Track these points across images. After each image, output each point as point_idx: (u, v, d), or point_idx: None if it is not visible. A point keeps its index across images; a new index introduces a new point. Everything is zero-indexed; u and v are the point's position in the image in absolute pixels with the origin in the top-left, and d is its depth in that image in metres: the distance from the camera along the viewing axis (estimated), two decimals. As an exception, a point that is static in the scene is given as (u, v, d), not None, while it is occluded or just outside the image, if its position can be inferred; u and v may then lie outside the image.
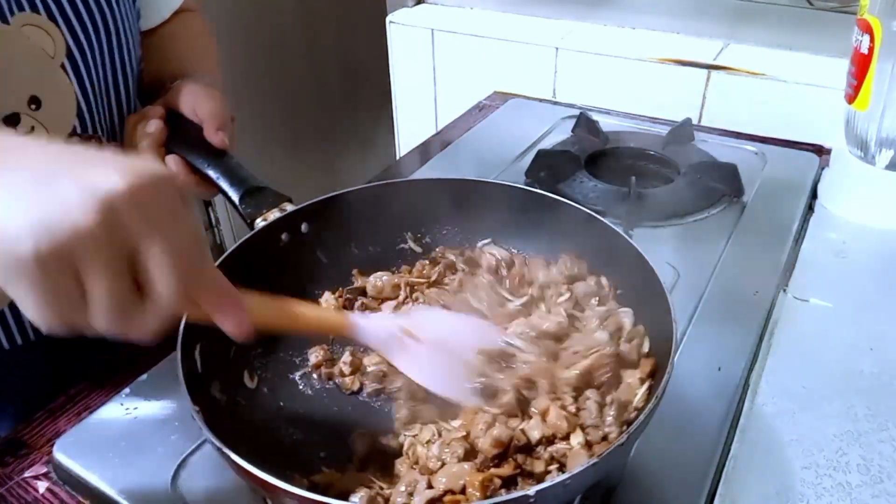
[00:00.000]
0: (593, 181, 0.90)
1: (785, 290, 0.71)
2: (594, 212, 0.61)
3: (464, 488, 0.46)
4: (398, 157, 1.19)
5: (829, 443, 0.55)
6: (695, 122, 1.06)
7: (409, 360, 0.52)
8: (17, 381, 0.68)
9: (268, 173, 0.66)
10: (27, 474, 0.56)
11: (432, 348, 0.52)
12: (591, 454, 0.47)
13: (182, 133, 0.67)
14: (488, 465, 0.48)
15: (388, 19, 1.30)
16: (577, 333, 0.57)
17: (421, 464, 0.49)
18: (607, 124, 1.04)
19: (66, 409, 0.62)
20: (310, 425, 0.56)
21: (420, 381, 0.51)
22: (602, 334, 0.55)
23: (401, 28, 1.29)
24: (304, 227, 0.64)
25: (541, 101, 1.18)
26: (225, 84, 0.77)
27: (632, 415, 0.50)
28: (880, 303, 0.69)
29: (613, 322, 0.57)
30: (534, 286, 0.63)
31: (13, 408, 0.69)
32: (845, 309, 0.69)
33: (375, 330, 0.52)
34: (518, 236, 0.68)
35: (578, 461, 0.47)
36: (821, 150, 0.96)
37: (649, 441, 0.53)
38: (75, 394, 0.63)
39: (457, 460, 0.48)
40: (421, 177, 0.93)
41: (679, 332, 0.48)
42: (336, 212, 0.66)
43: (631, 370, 0.54)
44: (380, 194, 0.68)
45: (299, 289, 0.64)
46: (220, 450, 0.41)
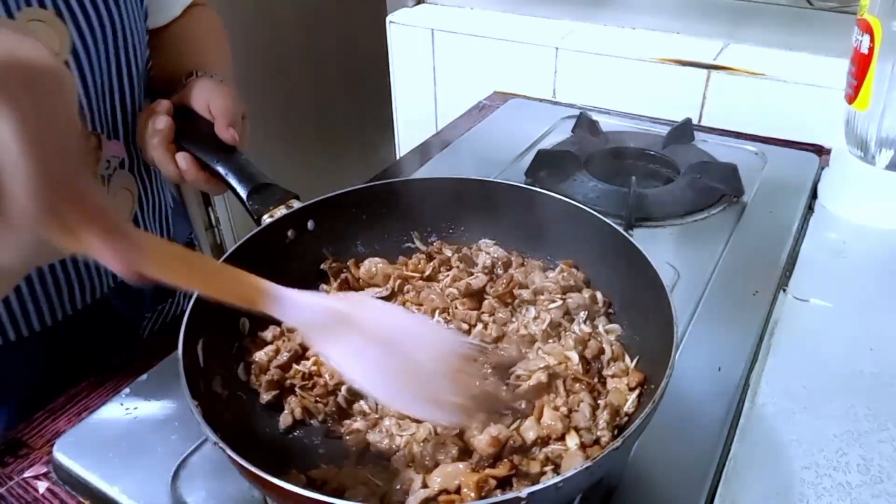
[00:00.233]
0: (593, 181, 0.90)
1: (785, 290, 0.71)
2: (595, 212, 0.61)
3: (459, 488, 0.46)
4: (398, 157, 1.19)
5: (829, 443, 0.55)
6: (695, 122, 1.06)
7: (339, 351, 0.44)
8: (11, 379, 0.68)
9: (267, 173, 0.66)
10: (27, 474, 0.56)
11: (372, 343, 0.44)
12: (587, 456, 0.47)
13: (192, 129, 0.67)
14: (483, 466, 0.48)
15: (388, 19, 1.30)
16: (533, 352, 0.57)
17: (417, 462, 0.49)
18: (607, 124, 1.04)
19: (66, 409, 0.62)
20: (308, 421, 0.55)
21: (349, 377, 0.45)
22: (572, 353, 0.55)
23: (401, 28, 1.29)
24: (310, 224, 0.64)
25: (541, 101, 1.18)
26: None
27: (623, 420, 0.51)
28: (880, 303, 0.69)
29: (594, 346, 0.56)
30: (527, 290, 0.62)
31: (7, 407, 0.68)
32: (845, 309, 0.69)
33: (300, 307, 0.44)
34: (524, 238, 0.68)
35: (573, 463, 0.47)
36: (821, 150, 0.96)
37: (649, 441, 0.53)
38: (75, 394, 0.63)
39: (451, 459, 0.48)
40: (422, 176, 0.93)
41: (679, 332, 0.48)
42: (342, 209, 0.66)
43: (618, 378, 0.54)
44: (388, 192, 0.68)
45: (304, 285, 0.63)
46: (216, 444, 0.41)
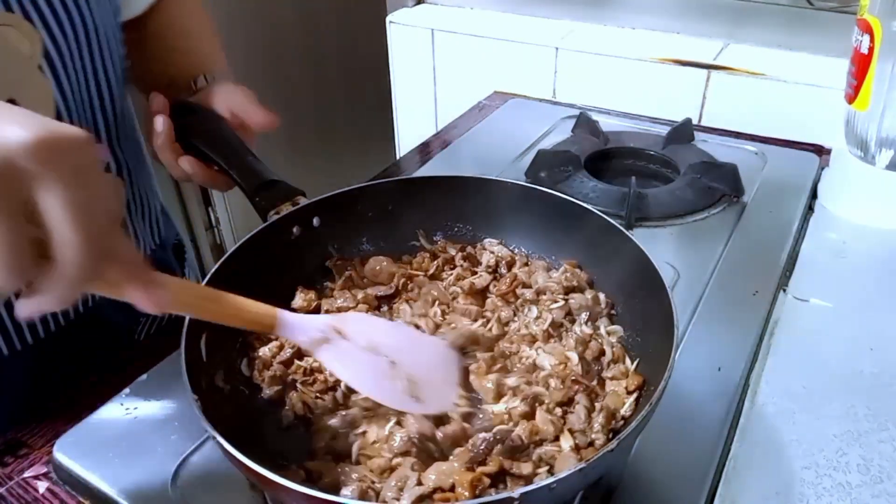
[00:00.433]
0: (593, 181, 0.90)
1: (785, 290, 0.71)
2: (599, 212, 0.61)
3: (453, 486, 0.46)
4: (398, 157, 1.18)
5: (829, 443, 0.55)
6: (695, 122, 1.06)
7: (337, 359, 0.52)
8: (9, 384, 0.66)
9: (268, 173, 0.66)
10: (27, 474, 0.56)
11: (363, 349, 0.52)
12: (580, 458, 0.47)
13: (197, 125, 0.67)
14: (475, 465, 0.48)
15: (388, 19, 1.29)
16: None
17: (412, 459, 0.49)
18: (607, 124, 1.04)
19: (66, 409, 0.62)
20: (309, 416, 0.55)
21: (346, 381, 0.52)
22: (572, 354, 0.55)
23: (401, 28, 1.29)
24: (315, 220, 0.64)
25: (541, 101, 1.18)
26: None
27: (619, 423, 0.50)
28: (880, 303, 0.69)
29: (595, 347, 0.57)
30: (530, 289, 0.62)
31: (7, 408, 0.66)
32: (845, 309, 0.69)
33: (303, 327, 0.51)
34: (529, 238, 0.68)
35: (566, 465, 0.46)
36: (821, 150, 0.96)
37: (649, 441, 0.53)
38: (75, 394, 0.63)
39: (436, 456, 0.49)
40: (422, 176, 0.93)
41: (679, 331, 0.48)
42: (349, 206, 0.66)
43: (617, 380, 0.54)
44: (395, 190, 0.68)
45: (308, 282, 0.64)
46: (215, 439, 0.41)
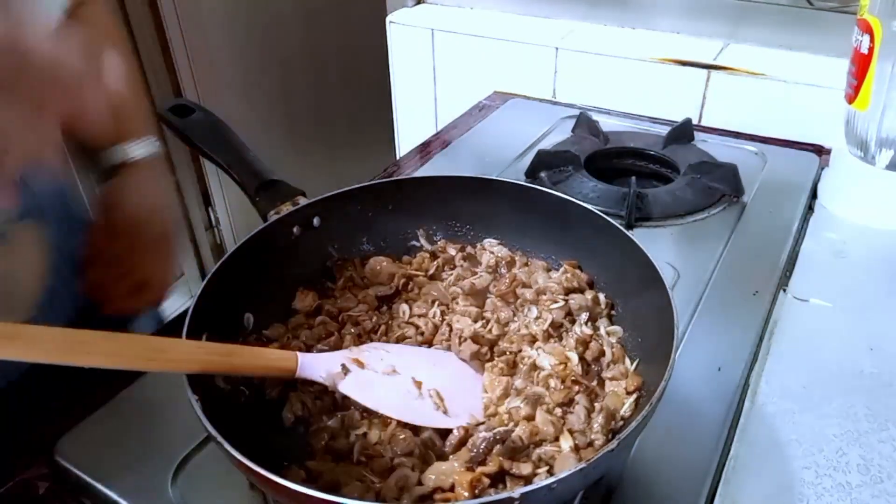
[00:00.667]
0: (593, 181, 0.90)
1: (785, 290, 0.71)
2: (599, 212, 0.61)
3: (452, 486, 0.46)
4: (398, 156, 1.18)
5: (829, 443, 0.55)
6: (695, 122, 1.06)
7: (360, 388, 0.52)
8: (8, 386, 0.64)
9: (268, 173, 0.66)
10: (27, 474, 0.56)
11: (384, 374, 0.54)
12: (580, 458, 0.47)
13: (199, 125, 0.67)
14: (475, 465, 0.48)
15: (388, 19, 1.29)
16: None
17: (412, 459, 0.49)
18: (607, 124, 1.04)
19: (66, 409, 0.62)
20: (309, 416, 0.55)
21: (374, 408, 0.52)
22: (572, 354, 0.55)
23: (401, 28, 1.29)
24: (316, 221, 0.64)
25: (541, 101, 1.18)
26: (225, 83, 0.77)
27: (619, 424, 0.50)
28: (880, 303, 0.69)
29: (595, 348, 0.57)
30: (530, 290, 0.62)
31: (7, 408, 0.65)
32: (845, 309, 0.69)
33: (319, 364, 0.53)
34: (529, 238, 0.68)
35: (566, 465, 0.46)
36: (821, 150, 0.96)
37: (649, 441, 0.53)
38: (75, 394, 0.63)
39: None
40: (422, 176, 0.93)
41: (679, 331, 0.48)
42: (349, 207, 0.66)
43: (616, 381, 0.54)
44: (395, 190, 0.68)
45: (309, 282, 0.64)
46: (214, 439, 0.41)
